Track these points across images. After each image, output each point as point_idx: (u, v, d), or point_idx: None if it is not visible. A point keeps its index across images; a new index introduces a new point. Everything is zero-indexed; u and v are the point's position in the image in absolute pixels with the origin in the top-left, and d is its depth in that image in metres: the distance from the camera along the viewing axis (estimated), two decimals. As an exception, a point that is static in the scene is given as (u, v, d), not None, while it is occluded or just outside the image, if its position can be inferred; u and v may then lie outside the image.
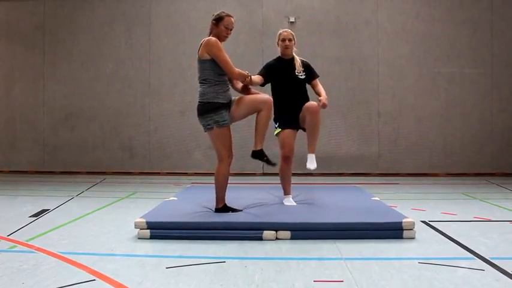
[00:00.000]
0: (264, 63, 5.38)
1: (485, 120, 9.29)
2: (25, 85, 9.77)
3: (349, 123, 9.29)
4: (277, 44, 5.26)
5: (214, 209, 4.52)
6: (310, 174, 7.96)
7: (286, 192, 5.04)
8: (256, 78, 4.88)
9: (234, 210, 4.52)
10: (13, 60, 9.80)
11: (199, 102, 4.46)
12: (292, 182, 5.10)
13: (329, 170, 8.85)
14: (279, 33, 5.25)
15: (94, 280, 3.02)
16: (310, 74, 5.20)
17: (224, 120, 4.38)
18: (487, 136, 9.29)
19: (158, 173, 9.36)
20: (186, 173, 9.21)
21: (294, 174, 5.26)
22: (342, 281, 2.99)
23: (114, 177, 8.93)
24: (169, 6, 9.57)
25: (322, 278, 3.05)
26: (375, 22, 9.35)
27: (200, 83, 4.52)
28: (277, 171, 5.09)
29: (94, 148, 9.61)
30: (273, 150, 5.46)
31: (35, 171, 9.57)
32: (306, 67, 5.21)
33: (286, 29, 5.33)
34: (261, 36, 9.39)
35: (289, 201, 4.97)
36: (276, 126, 5.05)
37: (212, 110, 4.36)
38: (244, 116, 4.60)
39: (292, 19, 9.34)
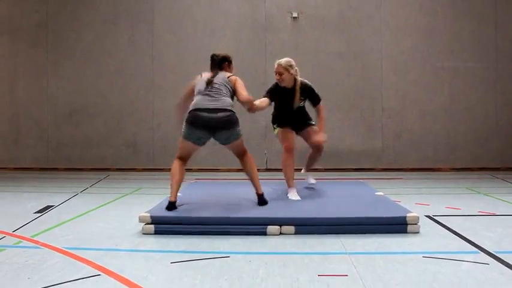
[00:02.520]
0: (266, 60, 5.41)
1: (490, 114, 9.25)
2: (28, 82, 9.79)
3: (353, 118, 9.27)
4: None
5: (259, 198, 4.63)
6: (314, 169, 7.94)
7: (290, 185, 5.05)
8: (262, 103, 5.00)
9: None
10: (16, 57, 9.82)
11: (231, 112, 4.55)
12: (296, 178, 5.11)
13: (333, 165, 8.83)
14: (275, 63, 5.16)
15: (99, 275, 3.03)
16: (312, 99, 5.25)
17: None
18: (491, 130, 9.25)
19: (162, 169, 9.35)
20: (190, 169, 9.16)
21: (298, 170, 5.27)
22: (347, 275, 2.99)
23: (118, 174, 8.95)
24: (172, 2, 9.56)
25: (327, 273, 3.05)
26: (378, 17, 9.32)
27: (225, 96, 4.62)
28: (280, 167, 5.11)
29: (98, 144, 9.64)
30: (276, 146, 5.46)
31: (39, 168, 9.61)
32: (308, 92, 5.21)
33: (281, 61, 5.15)
34: (263, 31, 9.37)
35: (294, 194, 4.98)
36: (275, 126, 5.28)
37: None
38: None
39: (295, 14, 9.32)
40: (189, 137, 4.56)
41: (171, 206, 4.36)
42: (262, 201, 4.61)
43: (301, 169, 5.78)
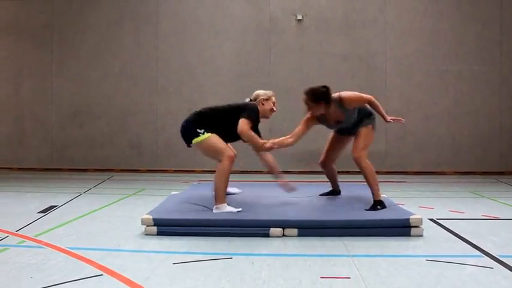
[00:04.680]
0: (271, 63, 5.25)
1: (494, 118, 9.22)
2: (33, 83, 9.83)
3: (357, 121, 9.24)
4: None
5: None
6: (317, 172, 7.94)
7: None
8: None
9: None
10: (22, 58, 9.86)
11: None
12: (299, 180, 5.10)
13: (336, 168, 8.80)
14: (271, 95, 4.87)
15: (101, 275, 3.03)
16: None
17: None
18: (495, 134, 9.22)
19: (165, 171, 9.39)
20: (194, 171, 9.23)
21: (301, 173, 5.27)
22: (349, 278, 2.98)
23: (122, 175, 8.96)
24: (177, 4, 9.58)
25: (329, 275, 3.04)
26: (382, 19, 9.31)
27: None
28: (283, 170, 5.09)
29: (102, 145, 9.66)
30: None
31: (44, 168, 9.64)
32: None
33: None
34: (268, 34, 9.38)
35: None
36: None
37: None
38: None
39: (299, 17, 9.33)
40: None
41: None
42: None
43: (307, 171, 5.75)
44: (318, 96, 4.63)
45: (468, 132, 9.24)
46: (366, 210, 4.45)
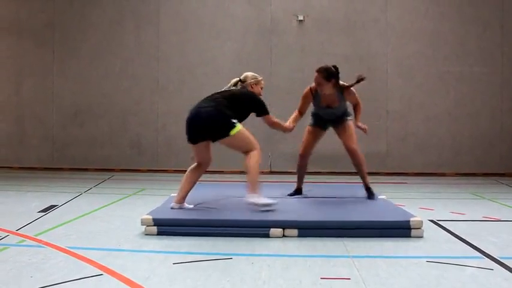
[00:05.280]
0: (272, 63, 5.38)
1: (495, 119, 9.21)
2: (35, 82, 9.83)
3: (357, 121, 9.24)
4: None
5: None
6: (317, 172, 7.95)
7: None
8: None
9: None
10: (23, 57, 9.86)
11: None
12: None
13: (336, 169, 8.80)
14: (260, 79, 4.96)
15: (101, 275, 3.03)
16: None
17: None
18: (496, 135, 9.21)
19: (166, 171, 9.38)
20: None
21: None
22: (349, 279, 2.98)
23: (122, 174, 8.96)
24: (178, 3, 9.59)
25: (329, 276, 3.04)
26: (383, 20, 9.31)
27: None
28: (284, 170, 5.11)
29: (102, 145, 9.66)
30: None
31: (44, 168, 9.64)
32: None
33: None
34: (269, 34, 9.38)
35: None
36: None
37: None
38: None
39: (300, 17, 9.33)
40: None
41: None
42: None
43: (308, 171, 5.70)
44: (331, 74, 5.01)
45: (469, 133, 9.24)
46: (369, 199, 5.06)
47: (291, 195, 5.35)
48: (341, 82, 5.10)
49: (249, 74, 4.91)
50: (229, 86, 4.88)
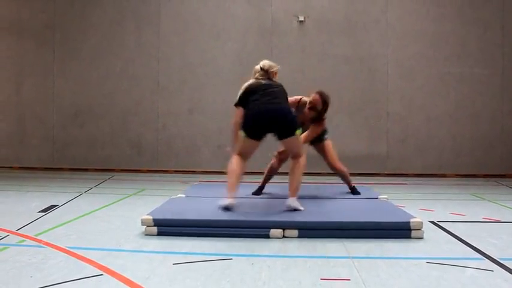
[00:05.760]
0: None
1: (495, 120, 9.21)
2: (35, 82, 9.84)
3: (358, 122, 9.25)
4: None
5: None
6: (317, 173, 7.95)
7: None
8: None
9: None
10: (23, 57, 9.86)
11: None
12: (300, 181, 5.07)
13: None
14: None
15: (101, 275, 3.03)
16: None
17: None
18: (496, 137, 9.21)
19: (166, 171, 9.38)
20: (194, 171, 9.22)
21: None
22: (349, 280, 2.98)
23: (123, 175, 8.96)
24: (178, 4, 9.59)
25: (329, 277, 3.04)
26: (384, 21, 9.31)
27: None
28: (285, 171, 5.11)
29: (103, 145, 9.66)
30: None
31: (44, 168, 9.64)
32: None
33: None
34: (270, 35, 9.38)
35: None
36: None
37: None
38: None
39: (301, 18, 9.33)
40: None
41: None
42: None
43: (307, 172, 5.73)
44: (326, 103, 5.17)
45: (469, 134, 9.23)
46: (349, 193, 5.60)
47: (255, 193, 5.48)
48: (304, 98, 5.31)
49: (271, 62, 4.76)
50: (256, 76, 4.65)
